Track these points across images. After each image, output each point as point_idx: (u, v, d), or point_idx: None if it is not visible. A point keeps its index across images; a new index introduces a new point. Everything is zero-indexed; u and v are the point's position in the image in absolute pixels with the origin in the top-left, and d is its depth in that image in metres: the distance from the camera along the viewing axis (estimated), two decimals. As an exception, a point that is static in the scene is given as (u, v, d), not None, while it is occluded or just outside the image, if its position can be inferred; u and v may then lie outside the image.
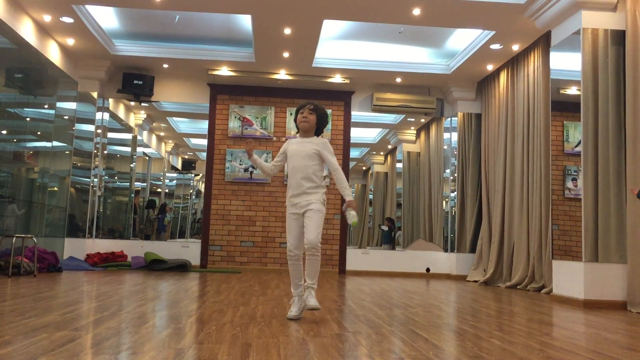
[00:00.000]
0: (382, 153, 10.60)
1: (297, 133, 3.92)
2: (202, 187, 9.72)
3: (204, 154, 9.22)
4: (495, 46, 7.36)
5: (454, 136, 9.17)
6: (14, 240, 6.16)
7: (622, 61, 5.43)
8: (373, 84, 9.14)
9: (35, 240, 6.45)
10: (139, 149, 9.93)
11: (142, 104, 9.23)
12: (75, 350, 2.43)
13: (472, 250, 8.65)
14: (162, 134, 10.45)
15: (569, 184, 5.82)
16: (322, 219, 3.65)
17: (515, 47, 7.39)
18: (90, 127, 8.71)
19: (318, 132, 3.84)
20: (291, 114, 9.13)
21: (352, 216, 3.57)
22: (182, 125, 10.38)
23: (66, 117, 8.34)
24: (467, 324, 3.76)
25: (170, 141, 10.56)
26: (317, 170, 3.71)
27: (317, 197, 3.67)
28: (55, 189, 8.16)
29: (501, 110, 8.05)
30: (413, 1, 6.21)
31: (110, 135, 9.18)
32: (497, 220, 7.87)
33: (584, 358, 2.70)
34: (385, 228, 10.06)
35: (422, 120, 9.75)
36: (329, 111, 9.10)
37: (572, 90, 5.79)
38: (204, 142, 9.28)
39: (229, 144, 9.09)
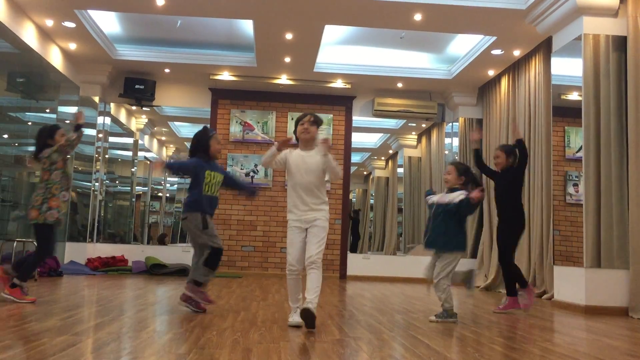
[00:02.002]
0: (383, 158, 10.60)
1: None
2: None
3: (205, 159, 9.20)
4: (496, 51, 7.36)
5: (455, 141, 9.16)
6: (14, 244, 6.16)
7: (624, 67, 5.43)
8: (374, 89, 9.15)
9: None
10: (140, 153, 9.94)
11: (144, 109, 9.24)
12: (75, 355, 2.42)
13: (474, 255, 8.63)
14: (163, 138, 10.46)
15: (570, 190, 5.82)
16: (326, 235, 3.60)
17: (517, 53, 7.39)
18: (91, 132, 8.71)
19: None
20: (292, 119, 9.14)
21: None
22: (184, 129, 10.38)
23: (68, 122, 8.35)
24: (468, 329, 3.75)
25: (171, 145, 10.57)
26: (321, 185, 3.63)
27: (323, 214, 3.60)
28: (57, 193, 8.15)
29: (502, 116, 8.04)
30: (414, 7, 6.21)
31: (111, 139, 9.20)
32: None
33: (586, 364, 2.69)
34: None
35: (424, 125, 9.75)
36: (330, 116, 9.18)
37: (574, 96, 5.79)
38: (205, 146, 9.26)
39: (230, 148, 9.09)
